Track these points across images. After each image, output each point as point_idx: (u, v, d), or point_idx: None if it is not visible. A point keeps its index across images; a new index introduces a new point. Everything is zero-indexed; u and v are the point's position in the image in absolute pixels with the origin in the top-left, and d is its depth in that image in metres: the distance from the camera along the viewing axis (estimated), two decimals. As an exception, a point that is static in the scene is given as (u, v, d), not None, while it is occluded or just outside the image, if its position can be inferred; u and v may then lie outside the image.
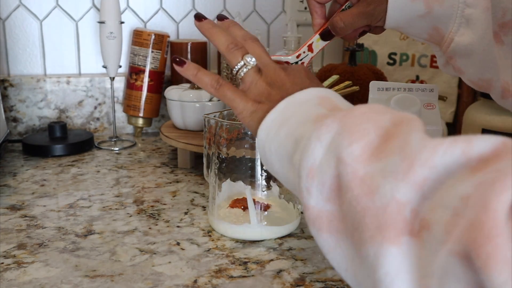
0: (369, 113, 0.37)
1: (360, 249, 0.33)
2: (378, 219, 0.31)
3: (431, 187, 0.30)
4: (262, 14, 1.21)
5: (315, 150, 0.37)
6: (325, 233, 0.36)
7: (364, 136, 0.35)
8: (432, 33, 0.61)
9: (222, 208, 0.68)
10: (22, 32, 1.10)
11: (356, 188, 0.33)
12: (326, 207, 0.36)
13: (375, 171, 0.33)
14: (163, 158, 0.98)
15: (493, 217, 0.25)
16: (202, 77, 0.50)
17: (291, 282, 0.55)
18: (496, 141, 0.29)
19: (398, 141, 0.33)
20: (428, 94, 0.75)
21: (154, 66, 1.09)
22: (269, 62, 0.50)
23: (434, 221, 0.29)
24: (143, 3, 1.15)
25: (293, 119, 0.42)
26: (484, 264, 0.24)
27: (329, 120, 0.37)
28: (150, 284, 0.55)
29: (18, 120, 1.09)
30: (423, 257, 0.29)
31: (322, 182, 0.36)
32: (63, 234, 0.66)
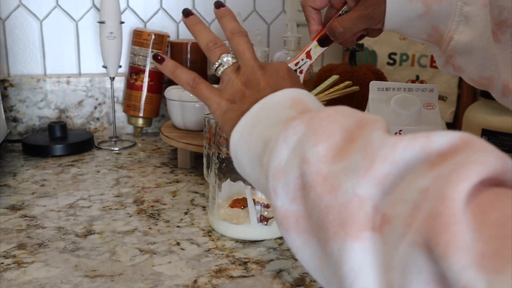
0: (336, 116, 0.37)
1: (326, 247, 0.33)
2: (341, 215, 0.31)
3: (392, 182, 0.30)
4: (262, 14, 1.21)
5: (281, 152, 0.38)
6: (293, 233, 0.37)
7: (330, 138, 0.35)
8: (431, 33, 0.61)
9: (222, 208, 0.68)
10: (22, 32, 1.10)
11: (319, 186, 0.33)
12: (292, 207, 0.36)
13: (338, 169, 0.33)
14: (163, 158, 0.98)
15: (451, 206, 0.25)
16: (179, 74, 0.51)
17: (291, 282, 0.55)
18: (454, 136, 0.30)
19: (360, 142, 0.34)
20: (428, 94, 0.75)
21: (154, 66, 1.09)
22: (249, 59, 0.50)
23: (394, 216, 0.29)
24: (143, 3, 1.15)
25: (264, 121, 0.43)
26: (444, 252, 0.25)
27: (296, 122, 0.38)
28: (150, 284, 0.55)
29: (18, 120, 1.09)
30: (385, 252, 0.29)
31: (287, 183, 0.37)
32: (63, 234, 0.66)
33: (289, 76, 0.49)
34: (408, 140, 0.31)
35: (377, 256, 0.30)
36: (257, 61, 0.50)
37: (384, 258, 0.29)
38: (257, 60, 0.50)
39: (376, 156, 0.31)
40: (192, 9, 1.17)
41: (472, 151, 0.28)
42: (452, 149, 0.29)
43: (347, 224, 0.31)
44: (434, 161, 0.29)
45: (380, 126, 0.35)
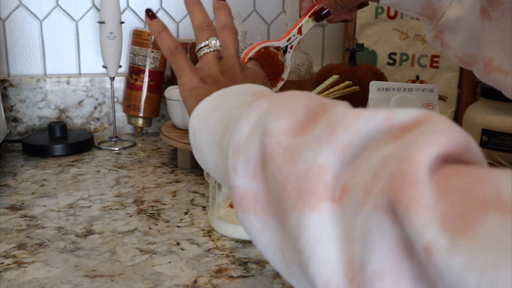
0: (301, 96, 0.36)
1: (284, 222, 0.31)
2: (299, 184, 0.30)
3: (353, 153, 0.29)
4: (262, 14, 1.21)
5: (242, 128, 0.36)
6: (251, 215, 0.35)
7: (293, 114, 0.34)
8: (425, 7, 0.62)
9: (222, 208, 0.68)
10: (22, 32, 1.10)
11: (279, 157, 0.32)
12: (252, 185, 0.35)
13: (300, 142, 0.32)
14: (163, 158, 0.98)
15: (416, 166, 0.25)
16: (164, 37, 0.52)
17: (291, 282, 0.55)
18: (419, 112, 0.29)
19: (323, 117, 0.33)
20: (428, 94, 0.75)
21: (154, 66, 1.09)
22: (233, 55, 0.51)
23: (353, 185, 0.28)
24: (143, 3, 1.15)
25: (225, 105, 0.42)
26: (407, 210, 0.24)
27: (260, 101, 0.37)
28: (150, 284, 0.55)
29: (18, 120, 1.09)
30: (344, 224, 0.28)
31: (247, 158, 0.35)
32: (63, 234, 0.66)
33: (264, 81, 0.49)
34: (372, 112, 0.30)
35: (335, 228, 0.28)
36: (239, 60, 0.51)
37: (343, 230, 0.28)
38: (239, 59, 0.51)
39: (339, 125, 0.30)
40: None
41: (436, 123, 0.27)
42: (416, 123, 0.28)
43: (306, 193, 0.29)
44: (397, 134, 0.28)
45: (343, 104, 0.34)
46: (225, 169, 0.37)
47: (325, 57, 1.29)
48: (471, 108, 0.94)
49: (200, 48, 0.51)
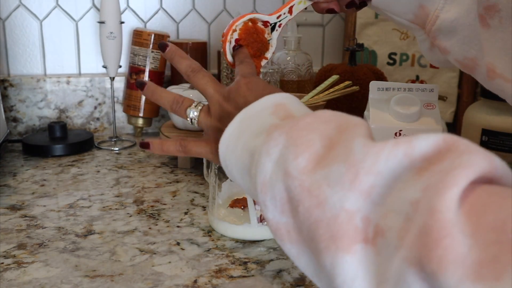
0: (315, 124, 0.37)
1: (318, 259, 0.33)
2: (330, 229, 0.31)
3: (380, 193, 0.30)
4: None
5: (265, 165, 0.38)
6: (287, 243, 0.37)
7: (309, 148, 0.35)
8: (417, 13, 0.61)
9: (222, 208, 0.68)
10: (22, 32, 1.10)
11: (306, 201, 0.34)
12: (282, 219, 0.37)
13: (321, 179, 0.33)
14: (163, 158, 0.98)
15: (439, 218, 0.25)
16: (167, 148, 0.53)
17: (291, 282, 0.55)
18: (437, 139, 0.29)
19: (341, 148, 0.34)
20: (428, 94, 0.75)
21: (154, 66, 1.09)
22: (212, 95, 0.51)
23: (387, 228, 0.29)
24: (143, 3, 1.15)
25: (248, 131, 0.43)
26: (437, 267, 0.24)
27: (277, 133, 0.38)
28: (150, 284, 0.55)
29: (18, 120, 1.09)
30: (378, 264, 0.29)
31: (273, 196, 0.37)
32: (63, 234, 0.66)
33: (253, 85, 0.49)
34: (390, 148, 0.30)
35: (370, 268, 0.30)
36: (221, 93, 0.50)
37: (377, 270, 0.29)
38: (220, 92, 0.51)
39: (360, 168, 0.31)
40: (191, 10, 1.17)
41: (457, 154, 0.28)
42: (436, 152, 0.29)
43: (337, 238, 0.31)
44: (420, 167, 0.29)
45: (361, 131, 0.34)
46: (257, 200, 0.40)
47: (325, 57, 1.29)
48: (471, 108, 0.94)
49: (191, 122, 0.52)
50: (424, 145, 0.29)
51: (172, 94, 0.54)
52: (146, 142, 0.53)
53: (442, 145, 0.29)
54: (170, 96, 0.53)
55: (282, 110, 0.43)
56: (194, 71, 0.53)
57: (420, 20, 0.62)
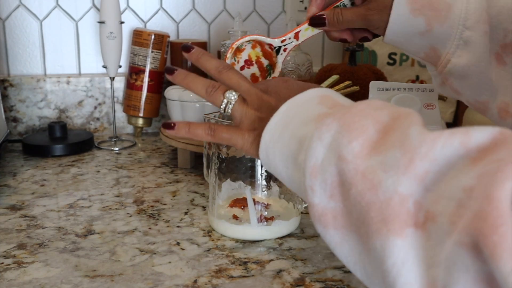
0: (367, 110, 0.38)
1: (367, 242, 0.33)
2: (383, 212, 0.32)
3: (433, 179, 0.31)
4: (262, 14, 1.21)
5: (316, 150, 0.38)
6: (331, 229, 0.37)
7: (363, 133, 0.36)
8: (429, 53, 0.61)
9: (222, 208, 0.68)
10: (22, 32, 1.10)
11: (359, 184, 0.34)
12: (330, 204, 0.37)
13: (376, 164, 0.34)
14: (163, 158, 0.98)
15: (497, 206, 0.25)
16: (195, 130, 0.52)
17: (291, 282, 0.55)
18: (493, 131, 0.30)
19: (396, 135, 0.34)
20: (428, 94, 0.75)
21: (154, 66, 1.09)
22: (249, 87, 0.50)
23: (438, 213, 0.29)
24: (143, 3, 1.15)
25: (296, 119, 0.43)
26: (492, 254, 0.25)
27: (329, 120, 0.38)
28: (150, 284, 0.55)
29: (18, 120, 1.09)
30: (429, 248, 0.30)
31: (324, 180, 0.37)
32: (63, 234, 0.66)
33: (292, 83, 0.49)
34: (447, 136, 0.31)
35: (420, 252, 0.30)
36: (257, 87, 0.50)
37: (427, 254, 0.30)
38: (256, 86, 0.50)
39: (416, 153, 0.32)
40: (191, 10, 1.17)
41: None
42: (492, 144, 0.29)
43: (389, 221, 0.31)
44: (475, 157, 0.29)
45: (416, 120, 0.35)
46: (303, 186, 0.40)
47: (325, 57, 1.29)
48: (471, 108, 0.94)
49: (224, 109, 0.51)
50: (480, 136, 0.30)
51: (206, 79, 0.53)
52: (170, 122, 0.52)
53: (498, 137, 0.30)
54: (205, 80, 0.53)
55: (329, 100, 0.43)
56: (225, 68, 0.52)
57: (431, 60, 0.62)
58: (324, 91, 0.45)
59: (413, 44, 0.61)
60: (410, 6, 0.58)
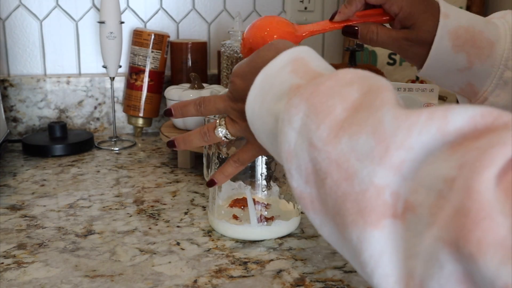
0: (335, 87, 0.36)
1: (344, 232, 0.33)
2: (358, 204, 0.31)
3: (410, 167, 0.30)
4: (262, 14, 1.21)
5: (288, 134, 0.37)
6: (311, 212, 0.37)
7: (330, 114, 0.34)
8: (465, 88, 0.60)
9: (222, 208, 0.68)
10: (22, 32, 1.10)
11: (335, 174, 0.33)
12: (307, 189, 0.36)
13: (347, 150, 0.32)
14: (163, 158, 0.98)
15: (478, 199, 0.25)
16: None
17: (291, 282, 0.55)
18: (474, 113, 0.28)
19: (367, 115, 0.33)
20: (428, 94, 0.75)
21: (154, 66, 1.09)
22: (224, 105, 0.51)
23: (418, 204, 0.29)
24: (143, 3, 1.15)
25: (270, 93, 0.42)
26: (476, 250, 0.24)
27: (297, 100, 0.37)
28: (150, 284, 0.55)
29: (18, 120, 1.09)
30: (407, 238, 0.29)
31: (299, 165, 0.36)
32: (63, 234, 0.66)
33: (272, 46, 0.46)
34: (424, 122, 0.30)
35: (398, 243, 0.30)
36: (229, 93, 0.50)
37: (406, 244, 0.29)
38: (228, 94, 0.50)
39: (391, 142, 0.30)
40: (191, 10, 1.17)
41: (494, 131, 0.27)
42: (472, 128, 0.28)
43: (366, 213, 0.31)
44: (454, 142, 0.28)
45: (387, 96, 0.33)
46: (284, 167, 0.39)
47: (325, 57, 1.28)
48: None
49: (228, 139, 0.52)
50: (459, 119, 0.29)
51: (196, 130, 0.54)
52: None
53: (479, 120, 0.28)
54: (196, 131, 0.54)
55: (302, 66, 0.41)
56: (201, 104, 0.53)
57: (467, 95, 0.61)
58: (298, 51, 0.43)
59: (450, 79, 0.60)
60: (452, 42, 0.57)
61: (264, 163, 0.66)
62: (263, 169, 0.66)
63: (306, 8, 1.22)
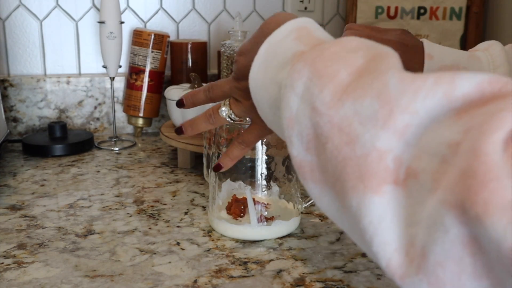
0: (341, 52, 0.35)
1: (343, 199, 0.32)
2: (360, 168, 0.30)
3: (414, 133, 0.29)
4: (262, 14, 1.21)
5: (290, 100, 0.36)
6: (310, 182, 0.36)
7: (334, 77, 0.33)
8: None
9: (222, 208, 0.68)
10: (22, 32, 1.10)
11: (336, 138, 0.32)
12: (307, 157, 0.35)
13: (350, 113, 0.31)
14: (163, 158, 0.98)
15: (485, 161, 0.24)
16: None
17: (291, 282, 0.55)
18: (482, 80, 0.28)
19: (372, 79, 0.32)
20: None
21: (154, 66, 1.09)
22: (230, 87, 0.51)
23: (421, 170, 0.28)
24: (143, 3, 1.15)
25: (274, 62, 0.41)
26: (483, 211, 0.23)
27: (300, 65, 0.36)
28: (150, 284, 0.55)
29: (18, 120, 1.09)
30: (408, 206, 0.28)
31: (300, 132, 0.35)
32: (63, 234, 0.66)
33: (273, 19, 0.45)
34: (430, 86, 0.29)
35: (399, 210, 0.29)
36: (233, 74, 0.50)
37: (407, 212, 0.28)
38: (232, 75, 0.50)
39: (395, 105, 0.29)
40: (191, 10, 1.17)
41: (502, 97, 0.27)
42: (479, 95, 0.27)
43: (366, 178, 0.30)
44: (460, 109, 0.28)
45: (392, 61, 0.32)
46: (284, 136, 0.38)
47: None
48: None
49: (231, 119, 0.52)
50: (467, 85, 0.28)
51: (202, 114, 0.54)
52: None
53: (486, 87, 0.28)
54: (201, 116, 0.54)
55: (306, 34, 0.41)
56: (209, 90, 0.53)
57: None
58: (303, 21, 0.42)
59: None
60: None
61: (264, 163, 0.66)
62: (263, 169, 0.66)
63: (306, 8, 1.22)
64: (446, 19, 1.20)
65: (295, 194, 0.68)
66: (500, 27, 1.17)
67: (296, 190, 0.68)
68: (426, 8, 1.20)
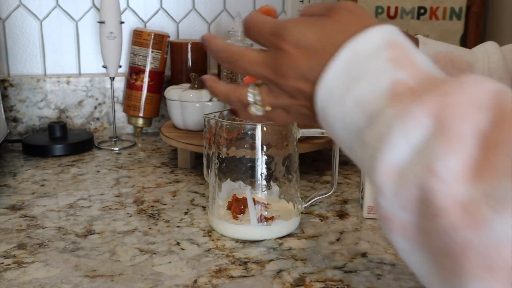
0: (468, 107, 0.30)
1: (452, 279, 0.29)
2: (486, 259, 0.27)
3: None
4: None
5: (398, 147, 0.31)
6: (397, 236, 0.32)
7: (463, 147, 0.29)
8: None
9: (222, 208, 0.68)
10: (22, 32, 1.10)
11: (454, 216, 0.28)
12: (400, 214, 0.31)
13: (479, 196, 0.27)
14: (163, 158, 0.98)
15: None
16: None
17: (291, 282, 0.55)
18: None
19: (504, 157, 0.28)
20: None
21: (154, 66, 1.09)
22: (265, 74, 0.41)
23: None
24: (143, 3, 1.15)
25: (362, 82, 0.34)
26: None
27: (418, 110, 0.31)
28: (150, 284, 0.55)
29: (18, 120, 1.09)
30: None
31: (400, 187, 0.31)
32: (63, 234, 0.66)
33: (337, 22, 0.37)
34: None
35: None
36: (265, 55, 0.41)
37: None
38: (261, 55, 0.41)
39: None
40: (191, 10, 1.17)
41: None
42: None
43: (497, 271, 0.26)
44: None
45: None
46: (369, 174, 0.34)
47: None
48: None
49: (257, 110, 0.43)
50: None
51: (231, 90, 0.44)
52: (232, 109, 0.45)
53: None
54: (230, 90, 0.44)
55: (403, 57, 0.35)
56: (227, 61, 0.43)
57: None
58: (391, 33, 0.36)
59: None
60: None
61: (264, 163, 0.66)
62: (263, 169, 0.66)
63: (306, 8, 1.22)
64: (446, 19, 1.20)
65: (295, 194, 0.68)
66: (500, 27, 1.17)
67: (296, 190, 0.68)
68: (426, 8, 1.20)
